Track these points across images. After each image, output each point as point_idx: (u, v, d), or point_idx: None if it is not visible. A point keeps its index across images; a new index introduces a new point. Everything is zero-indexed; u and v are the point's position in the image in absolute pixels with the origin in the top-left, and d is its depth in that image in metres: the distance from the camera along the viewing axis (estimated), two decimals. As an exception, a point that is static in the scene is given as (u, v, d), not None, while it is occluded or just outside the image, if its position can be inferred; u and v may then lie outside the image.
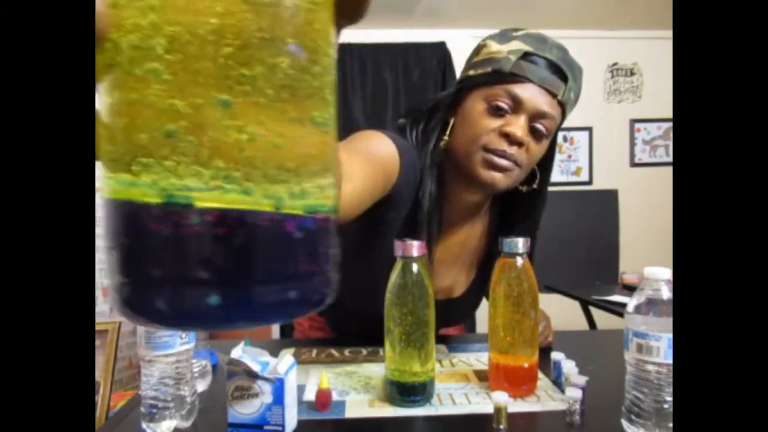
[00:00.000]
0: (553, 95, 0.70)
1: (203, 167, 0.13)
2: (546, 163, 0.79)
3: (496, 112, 0.71)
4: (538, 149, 0.73)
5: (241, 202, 0.14)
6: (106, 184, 0.16)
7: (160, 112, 0.14)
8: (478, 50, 0.77)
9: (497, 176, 0.71)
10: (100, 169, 0.19)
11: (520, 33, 0.73)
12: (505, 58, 0.70)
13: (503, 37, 0.73)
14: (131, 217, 0.15)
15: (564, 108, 0.73)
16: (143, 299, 0.15)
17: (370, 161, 0.65)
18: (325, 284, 0.16)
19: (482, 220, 0.87)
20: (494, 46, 0.73)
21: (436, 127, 0.76)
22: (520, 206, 0.83)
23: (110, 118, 0.15)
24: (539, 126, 0.71)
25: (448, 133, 0.75)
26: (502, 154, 0.70)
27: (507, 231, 0.80)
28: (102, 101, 0.16)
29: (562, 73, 0.70)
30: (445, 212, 0.80)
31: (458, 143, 0.74)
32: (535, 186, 0.80)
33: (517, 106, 0.70)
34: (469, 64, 0.77)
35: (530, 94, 0.69)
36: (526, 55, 0.70)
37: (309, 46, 0.15)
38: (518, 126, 0.69)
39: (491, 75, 0.71)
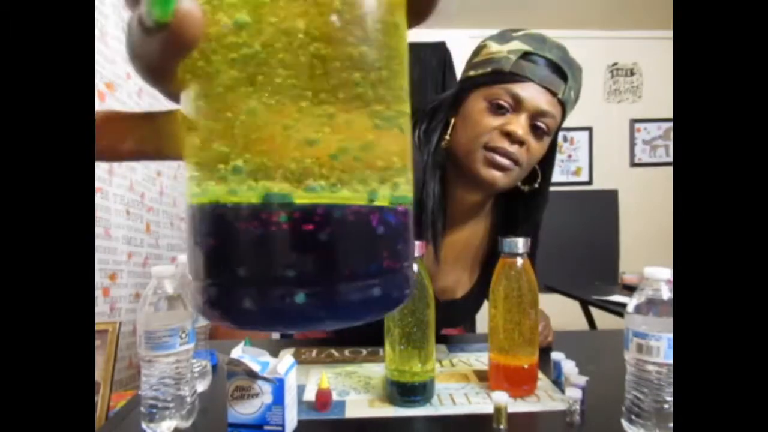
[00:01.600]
0: (554, 94, 0.71)
1: (298, 167, 0.14)
2: (547, 162, 0.80)
3: (497, 111, 0.71)
4: (538, 148, 0.73)
5: (335, 198, 0.15)
6: (193, 187, 0.16)
7: (255, 116, 0.15)
8: (478, 51, 0.77)
9: (497, 175, 0.72)
10: (99, 169, 0.19)
11: (519, 33, 0.73)
12: (505, 58, 0.71)
13: (503, 37, 0.74)
14: (223, 218, 0.15)
15: (564, 107, 0.73)
16: (232, 300, 0.15)
17: None
18: (407, 280, 0.17)
19: (485, 220, 0.88)
20: (494, 47, 0.73)
21: (437, 128, 0.77)
22: (523, 206, 0.83)
23: (199, 122, 0.15)
24: (540, 125, 0.71)
25: (449, 133, 0.76)
26: (503, 153, 0.71)
27: (509, 231, 0.81)
28: (188, 105, 0.16)
29: (562, 72, 0.71)
30: (448, 212, 0.81)
31: (459, 143, 0.75)
32: (536, 185, 0.81)
33: (517, 105, 0.71)
34: (470, 64, 0.77)
35: (530, 93, 0.70)
36: (526, 55, 0.70)
37: (395, 49, 0.16)
38: (519, 125, 0.70)
39: (491, 75, 0.72)
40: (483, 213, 0.86)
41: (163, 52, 0.14)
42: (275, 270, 0.15)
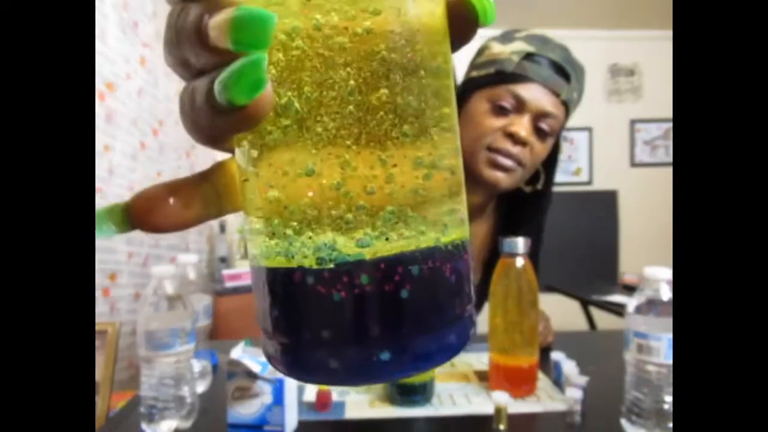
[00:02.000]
0: (557, 94, 0.70)
1: (362, 221, 0.14)
2: (550, 163, 0.79)
3: (500, 112, 0.71)
4: (542, 149, 0.73)
5: (405, 247, 0.15)
6: (258, 251, 0.16)
7: (308, 182, 0.14)
8: (480, 52, 0.77)
9: (500, 176, 0.72)
10: (99, 169, 0.20)
11: (522, 34, 0.73)
12: (508, 59, 0.71)
13: (505, 38, 0.73)
14: (291, 282, 0.15)
15: (567, 107, 0.73)
16: (318, 360, 0.15)
17: None
18: (473, 321, 0.17)
19: (487, 221, 0.87)
20: (497, 47, 0.73)
21: None
22: (526, 207, 0.83)
23: (256, 191, 0.15)
24: (543, 126, 0.71)
25: None
26: (506, 154, 0.71)
27: (512, 232, 0.80)
28: (243, 168, 0.16)
29: (565, 72, 0.71)
30: None
31: (462, 143, 0.73)
32: (539, 187, 0.80)
33: (520, 105, 0.70)
34: (472, 65, 0.77)
35: (533, 93, 0.70)
36: (528, 56, 0.70)
37: (446, 84, 0.16)
38: (522, 126, 0.70)
39: (494, 75, 0.71)
40: (486, 214, 0.86)
41: (230, 128, 0.14)
42: (360, 332, 0.15)
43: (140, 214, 0.17)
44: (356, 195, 0.14)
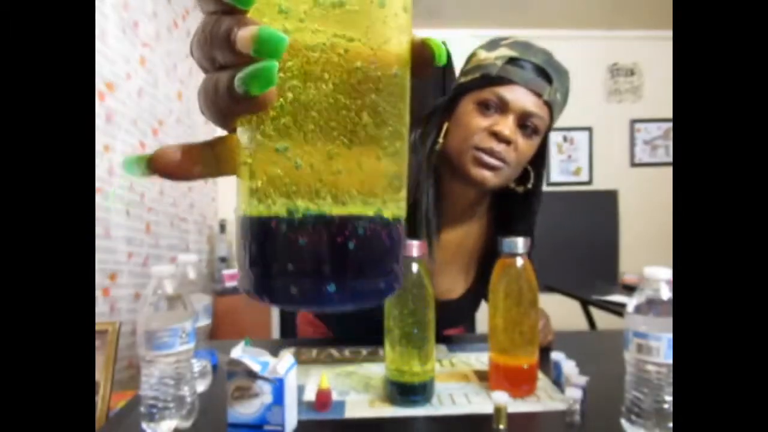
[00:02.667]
0: (539, 95, 0.74)
1: (325, 191, 0.19)
2: (539, 162, 0.82)
3: (486, 113, 0.75)
4: (526, 147, 0.76)
5: (354, 212, 0.20)
6: (245, 205, 0.21)
7: (291, 159, 0.19)
8: (469, 59, 0.81)
9: (487, 174, 0.75)
10: (99, 169, 0.20)
11: (506, 41, 0.77)
12: (492, 64, 0.75)
13: (491, 45, 0.78)
14: (269, 228, 0.20)
15: (551, 108, 0.76)
16: (279, 287, 0.20)
17: None
18: (399, 277, 0.22)
19: (480, 221, 0.90)
20: (483, 54, 0.78)
21: (431, 132, 0.80)
22: (517, 206, 0.85)
23: (251, 161, 0.20)
24: (527, 125, 0.75)
25: (442, 136, 0.79)
26: (491, 152, 0.74)
27: (505, 232, 0.82)
28: (242, 141, 0.20)
29: (547, 75, 0.74)
30: (443, 213, 0.84)
31: (452, 145, 0.78)
32: (530, 186, 0.83)
33: (504, 106, 0.74)
34: (462, 72, 0.81)
35: (516, 95, 0.73)
36: (511, 60, 0.74)
37: (401, 101, 0.21)
38: (506, 125, 0.73)
39: (480, 79, 0.76)
40: (478, 214, 0.89)
41: (242, 111, 0.19)
42: (315, 268, 0.19)
43: (158, 164, 0.21)
44: (324, 172, 0.19)
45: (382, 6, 0.20)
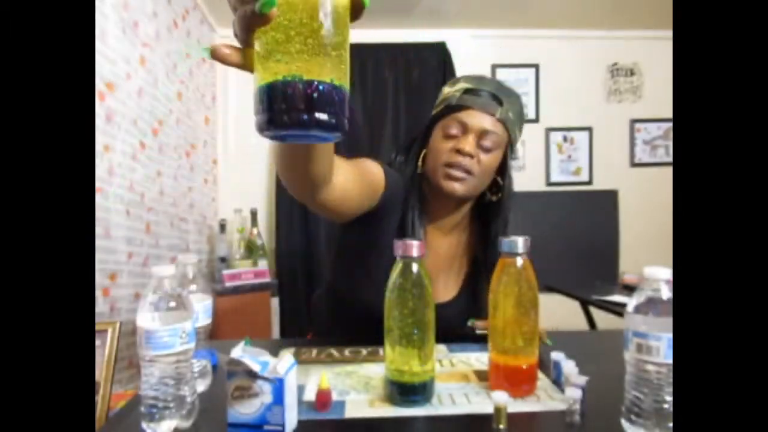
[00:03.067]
0: (493, 115, 0.90)
1: (301, 67, 0.36)
2: (504, 172, 0.96)
3: (451, 136, 0.91)
4: (488, 160, 0.91)
5: (318, 77, 0.36)
6: (259, 78, 0.37)
7: (283, 52, 0.36)
8: (438, 96, 0.99)
9: (456, 185, 0.90)
10: (99, 169, 0.20)
11: (465, 77, 0.96)
12: (452, 95, 0.93)
13: (453, 82, 0.97)
14: (272, 86, 0.36)
15: (506, 125, 0.92)
16: (277, 118, 0.36)
17: (361, 171, 0.83)
18: (344, 124, 0.38)
19: (465, 232, 1.03)
20: (446, 90, 0.96)
21: (412, 158, 0.98)
22: (492, 210, 0.99)
23: (260, 47, 0.37)
24: (485, 141, 0.90)
25: (422, 161, 0.96)
26: (457, 166, 0.89)
27: (486, 231, 0.99)
28: (258, 44, 0.37)
29: (498, 99, 0.91)
30: (429, 225, 0.98)
31: (429, 167, 0.95)
32: (502, 194, 0.97)
33: (465, 128, 0.91)
34: (433, 108, 0.99)
35: (474, 117, 0.90)
36: (468, 90, 0.92)
37: (345, 27, 0.38)
38: (467, 143, 0.89)
39: (444, 109, 0.94)
40: (462, 226, 1.02)
41: (257, 24, 0.36)
42: (297, 106, 0.36)
43: (216, 52, 0.39)
44: (300, 58, 0.36)
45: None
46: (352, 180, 0.77)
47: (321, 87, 0.35)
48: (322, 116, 0.36)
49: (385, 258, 0.77)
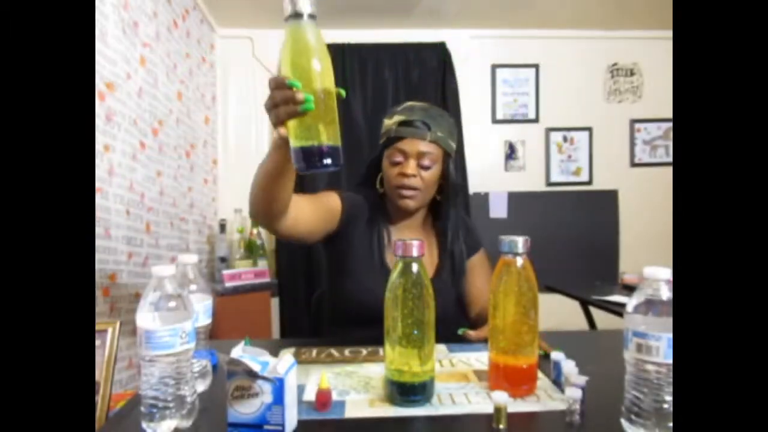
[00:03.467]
0: (424, 139, 1.08)
1: (318, 138, 0.64)
2: (446, 178, 1.15)
3: (395, 163, 1.10)
4: (429, 175, 1.10)
5: (329, 142, 0.65)
6: (294, 143, 0.65)
7: (307, 129, 0.65)
8: (382, 127, 1.16)
9: (408, 201, 1.11)
10: (99, 169, 0.20)
11: (398, 108, 1.14)
12: (391, 128, 1.11)
13: (390, 114, 1.14)
14: (304, 147, 0.65)
15: (438, 143, 1.09)
16: (309, 162, 0.64)
17: (317, 201, 1.07)
18: (341, 160, 0.66)
19: (432, 233, 1.21)
20: (386, 122, 1.14)
21: (368, 181, 1.20)
22: (444, 206, 1.19)
23: (293, 124, 0.65)
24: (423, 161, 1.09)
25: (380, 183, 1.17)
26: (405, 186, 1.09)
27: (443, 219, 1.18)
28: (292, 125, 0.65)
29: (426, 124, 1.09)
30: (396, 230, 1.17)
31: (386, 188, 1.15)
32: (449, 195, 1.17)
33: (405, 155, 1.09)
34: (380, 136, 1.17)
35: (409, 145, 1.08)
36: (401, 123, 1.09)
37: (333, 102, 0.66)
38: (408, 166, 1.08)
39: (387, 141, 1.12)
40: (425, 228, 1.21)
41: (294, 115, 0.64)
42: (318, 156, 0.64)
43: (280, 134, 0.68)
44: (316, 132, 0.64)
45: (329, 92, 0.65)
46: (308, 209, 1.00)
47: (328, 148, 0.63)
48: (328, 161, 0.63)
49: (362, 263, 1.10)
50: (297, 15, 0.62)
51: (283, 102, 0.63)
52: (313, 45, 0.62)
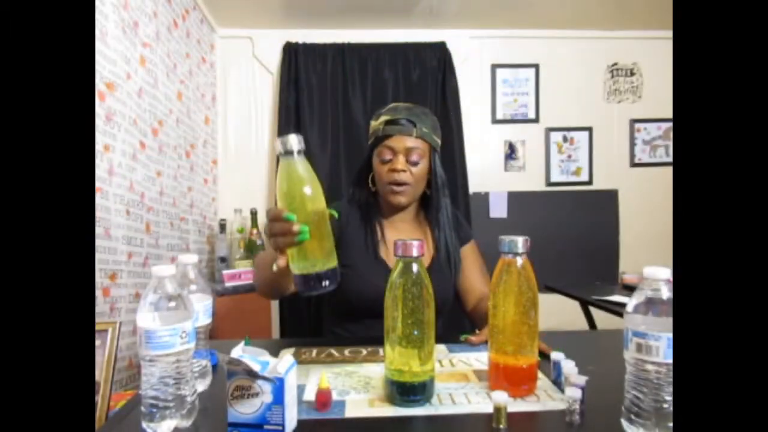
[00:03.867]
0: (411, 135, 1.13)
1: (315, 265, 0.72)
2: (433, 173, 1.19)
3: (385, 161, 1.14)
4: (417, 170, 1.14)
5: (324, 267, 0.73)
6: (295, 269, 0.73)
7: (306, 256, 0.72)
8: (369, 128, 1.20)
9: (399, 197, 1.15)
10: (99, 169, 0.20)
11: (383, 109, 1.18)
12: (378, 128, 1.15)
13: (376, 116, 1.18)
14: (303, 275, 0.72)
15: (424, 138, 1.14)
16: (310, 287, 0.72)
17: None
18: (337, 279, 0.74)
19: (422, 226, 1.25)
20: (373, 123, 1.18)
21: (362, 184, 1.23)
22: (432, 203, 1.22)
23: (295, 257, 0.72)
24: (411, 156, 1.13)
25: (371, 182, 1.21)
26: (396, 182, 1.13)
27: (434, 211, 1.21)
28: (292, 252, 0.73)
29: (412, 121, 1.13)
30: (390, 225, 1.22)
31: (378, 187, 1.19)
32: (436, 189, 1.21)
33: (393, 152, 1.13)
34: (368, 138, 1.21)
35: (397, 142, 1.13)
36: (388, 122, 1.14)
37: (326, 224, 0.74)
38: (398, 163, 1.12)
39: (375, 140, 1.16)
40: (418, 221, 1.25)
41: (293, 244, 0.70)
42: (316, 282, 0.72)
43: (280, 267, 0.75)
44: (314, 260, 0.72)
45: (321, 214, 0.72)
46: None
47: (324, 272, 0.71)
48: (326, 283, 0.71)
49: (359, 256, 1.14)
50: (288, 153, 0.70)
51: (281, 233, 0.69)
52: (304, 175, 0.70)
